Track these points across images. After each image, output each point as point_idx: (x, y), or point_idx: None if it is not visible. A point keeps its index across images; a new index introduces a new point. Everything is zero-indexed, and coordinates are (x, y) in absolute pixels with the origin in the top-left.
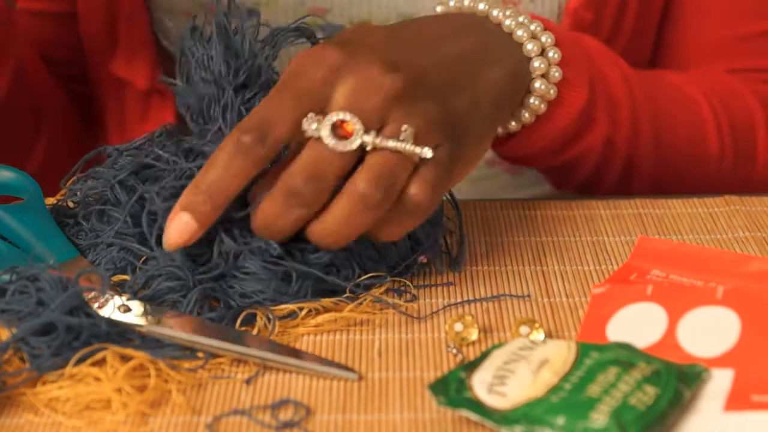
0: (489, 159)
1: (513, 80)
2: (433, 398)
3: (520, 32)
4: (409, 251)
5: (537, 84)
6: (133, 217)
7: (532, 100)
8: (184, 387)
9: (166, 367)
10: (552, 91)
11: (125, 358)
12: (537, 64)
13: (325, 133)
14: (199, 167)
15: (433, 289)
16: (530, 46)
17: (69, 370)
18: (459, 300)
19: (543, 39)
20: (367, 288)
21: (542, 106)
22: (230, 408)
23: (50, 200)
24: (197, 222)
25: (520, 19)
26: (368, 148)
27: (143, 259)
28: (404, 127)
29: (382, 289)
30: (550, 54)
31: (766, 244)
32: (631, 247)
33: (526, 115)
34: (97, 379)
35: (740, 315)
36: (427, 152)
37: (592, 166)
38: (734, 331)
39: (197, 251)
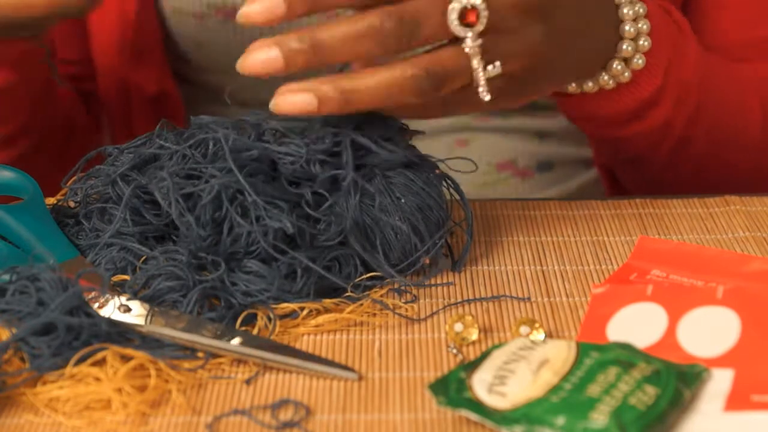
0: (498, 163)
1: (605, 37)
2: (433, 398)
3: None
4: (412, 249)
5: (625, 46)
6: (135, 213)
7: (616, 65)
8: (184, 387)
9: (166, 367)
10: (640, 60)
11: (125, 358)
12: (627, 27)
13: (456, 6)
14: (203, 154)
15: (433, 289)
16: (626, 14)
17: (69, 370)
18: (459, 300)
19: (639, 24)
20: (369, 288)
21: (626, 74)
22: (230, 408)
23: (50, 200)
24: (284, 61)
25: None
26: (465, 46)
27: (143, 259)
28: (497, 64)
29: (384, 290)
30: (640, 24)
31: (766, 244)
32: (631, 247)
33: (605, 77)
34: (97, 379)
35: (740, 315)
36: (485, 95)
37: (646, 144)
38: (734, 331)
39: (206, 233)
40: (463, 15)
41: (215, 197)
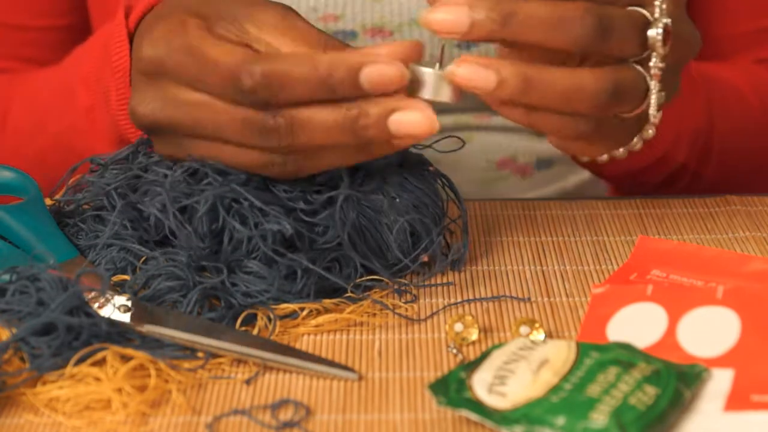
0: (499, 160)
1: None
2: (433, 398)
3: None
4: (410, 247)
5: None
6: (131, 221)
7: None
8: (184, 387)
9: (166, 367)
10: (650, 131)
11: (125, 358)
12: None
13: (662, 24)
14: (190, 174)
15: (433, 289)
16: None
17: (69, 370)
18: (459, 300)
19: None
20: (369, 288)
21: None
22: (230, 408)
23: (50, 200)
24: (468, 27)
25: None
26: (651, 65)
27: (143, 259)
28: (663, 94)
29: (384, 290)
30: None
31: (766, 244)
32: (631, 247)
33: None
34: (97, 379)
35: (740, 315)
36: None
37: (661, 183)
38: (734, 331)
39: (205, 235)
40: (661, 35)
41: (210, 209)
